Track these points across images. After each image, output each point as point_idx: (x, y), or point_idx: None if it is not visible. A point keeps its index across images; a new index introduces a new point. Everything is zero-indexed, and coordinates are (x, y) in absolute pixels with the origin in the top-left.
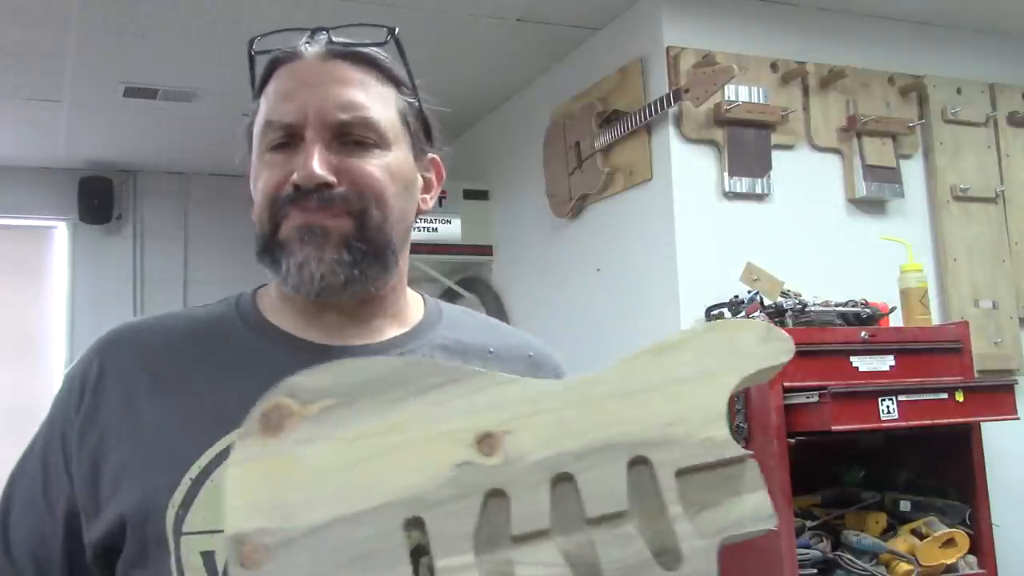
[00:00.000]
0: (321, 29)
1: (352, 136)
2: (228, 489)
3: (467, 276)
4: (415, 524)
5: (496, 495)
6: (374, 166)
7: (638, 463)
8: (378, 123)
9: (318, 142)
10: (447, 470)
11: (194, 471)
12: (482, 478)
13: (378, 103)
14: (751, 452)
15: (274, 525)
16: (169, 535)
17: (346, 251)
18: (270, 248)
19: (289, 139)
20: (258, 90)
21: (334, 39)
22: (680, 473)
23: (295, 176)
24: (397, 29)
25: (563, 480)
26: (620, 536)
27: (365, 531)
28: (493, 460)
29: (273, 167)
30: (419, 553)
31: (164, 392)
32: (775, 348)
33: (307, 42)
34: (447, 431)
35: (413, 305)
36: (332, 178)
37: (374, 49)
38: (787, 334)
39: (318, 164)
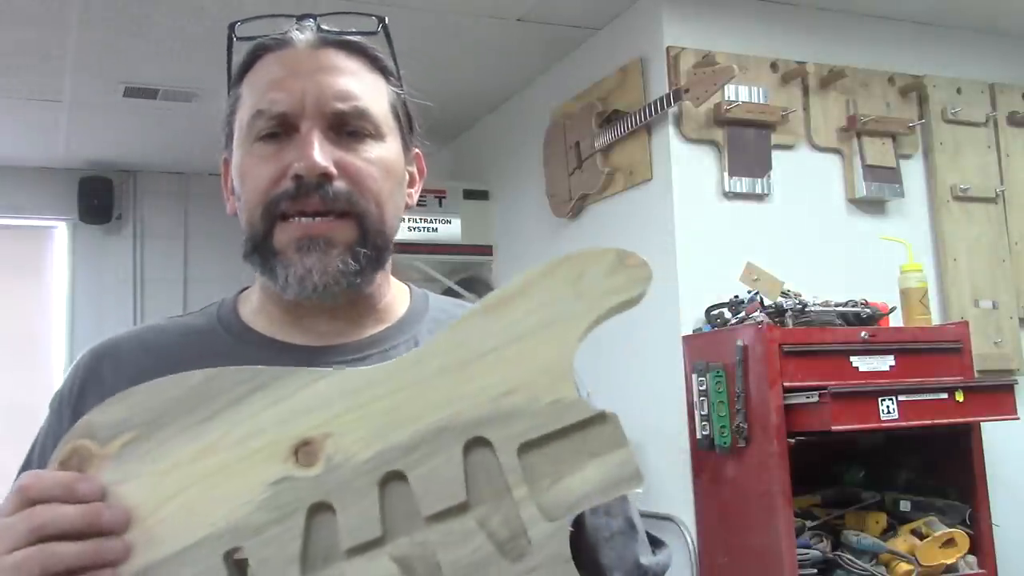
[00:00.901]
0: (309, 16)
1: (348, 127)
2: None
3: (467, 276)
4: (237, 555)
5: (321, 509)
6: (370, 161)
7: (476, 445)
8: (373, 114)
9: (316, 131)
10: (262, 491)
11: None
12: (303, 493)
13: (372, 93)
14: (605, 409)
15: None
16: None
17: (351, 258)
18: (262, 251)
19: (280, 129)
20: (237, 78)
21: (324, 28)
22: (526, 447)
23: (296, 166)
24: (387, 18)
25: (394, 479)
26: (460, 532)
27: (185, 572)
28: (313, 470)
29: (265, 160)
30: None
31: None
32: (628, 277)
33: (296, 29)
34: (260, 446)
35: (399, 298)
36: (333, 169)
37: (364, 39)
38: (642, 257)
39: (319, 154)
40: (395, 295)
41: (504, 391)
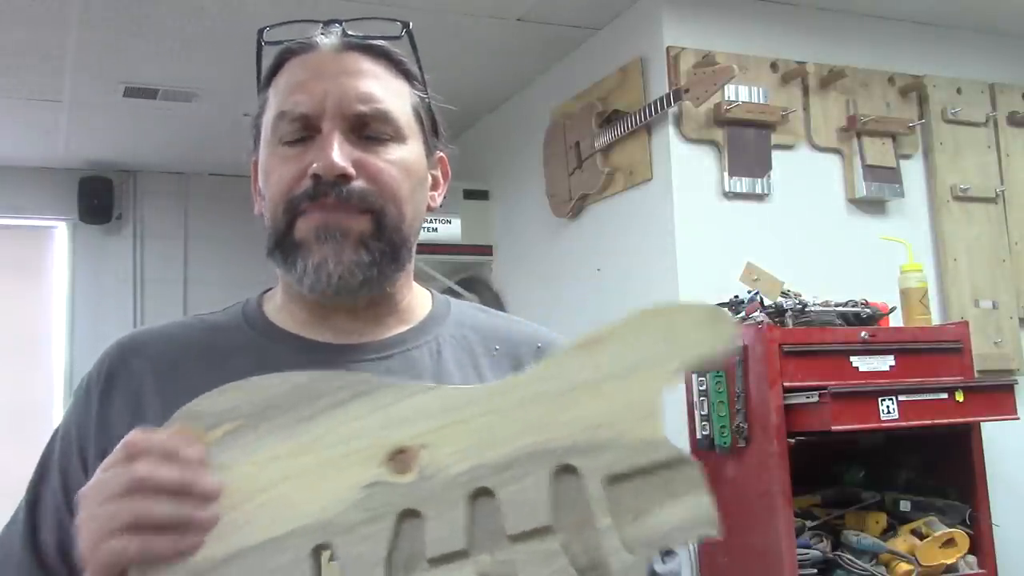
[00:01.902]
0: (335, 21)
1: (369, 129)
2: None
3: (467, 276)
4: (325, 551)
5: (410, 515)
6: (391, 162)
7: (564, 472)
8: (395, 116)
9: (336, 132)
10: (357, 492)
11: None
12: (395, 498)
13: (394, 96)
14: (688, 452)
15: (178, 564)
16: None
17: (365, 251)
18: (283, 246)
19: (304, 132)
20: (265, 81)
21: (348, 32)
22: (612, 479)
23: (315, 166)
24: (411, 23)
25: (483, 495)
26: (543, 553)
27: (273, 560)
28: (407, 478)
29: (287, 161)
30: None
31: (171, 399)
32: (716, 332)
33: (321, 33)
34: (358, 449)
35: (421, 301)
36: (352, 169)
37: (388, 43)
38: (729, 314)
39: (338, 154)
40: (417, 298)
41: (596, 423)
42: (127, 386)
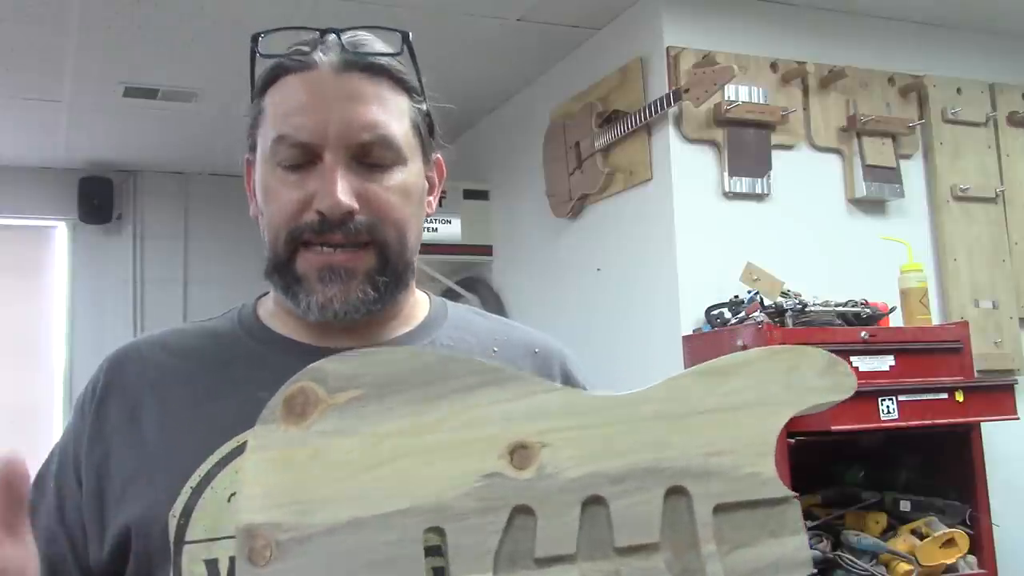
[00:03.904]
0: (331, 31)
1: (371, 156)
2: (244, 477)
3: (467, 276)
4: (436, 534)
5: (523, 511)
6: (392, 189)
7: (676, 493)
8: (397, 142)
9: (340, 165)
10: (475, 480)
11: (194, 480)
12: (511, 492)
13: (395, 119)
14: (795, 493)
15: (289, 520)
16: (171, 546)
17: (371, 287)
18: (283, 275)
19: (304, 158)
20: (259, 90)
21: (348, 47)
22: (719, 508)
23: (321, 205)
24: (411, 34)
25: (595, 503)
26: (647, 569)
27: (384, 536)
28: (525, 474)
29: (288, 185)
30: (434, 554)
31: (167, 406)
32: (836, 383)
33: (319, 48)
34: (480, 437)
35: (419, 304)
36: (356, 205)
37: (388, 58)
38: (848, 367)
39: (343, 191)
40: (416, 301)
41: (712, 451)
42: (123, 398)
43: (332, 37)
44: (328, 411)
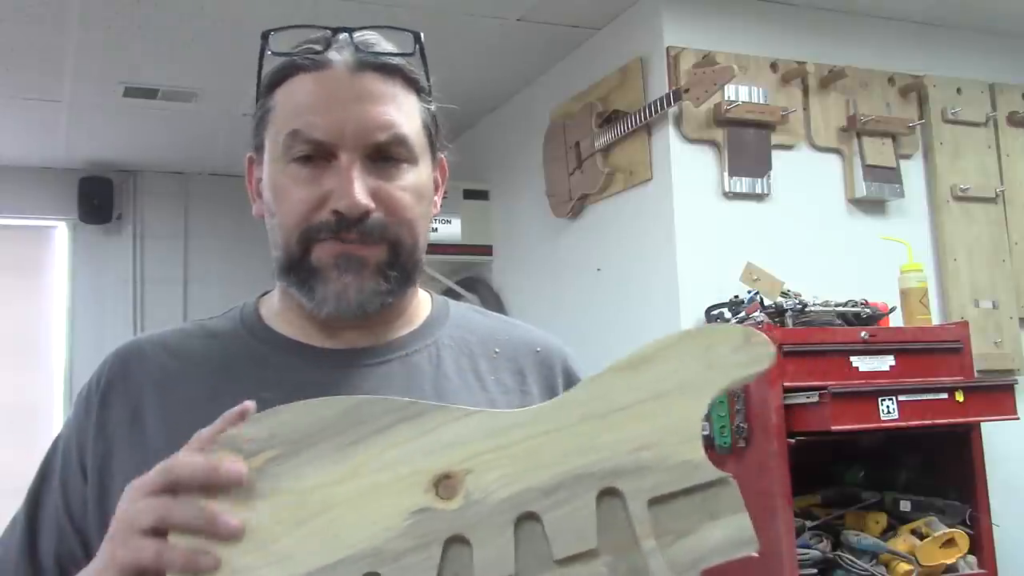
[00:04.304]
0: (343, 29)
1: (385, 153)
2: None
3: (467, 276)
4: None
5: (457, 541)
6: (405, 189)
7: (607, 495)
8: (411, 140)
9: (356, 164)
10: (405, 518)
11: None
12: (441, 524)
13: (408, 118)
14: (728, 474)
15: None
16: None
17: (383, 280)
18: (299, 271)
19: (316, 153)
20: (268, 87)
21: (361, 46)
22: (654, 501)
23: (339, 205)
24: (423, 35)
25: (528, 519)
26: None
27: None
28: (453, 504)
29: (301, 183)
30: None
31: (170, 408)
32: (753, 354)
33: (333, 47)
34: (402, 475)
35: (421, 303)
36: (372, 204)
37: (400, 58)
38: (766, 337)
39: (360, 191)
40: (419, 300)
41: (639, 445)
42: (125, 396)
43: (344, 36)
44: (249, 475)
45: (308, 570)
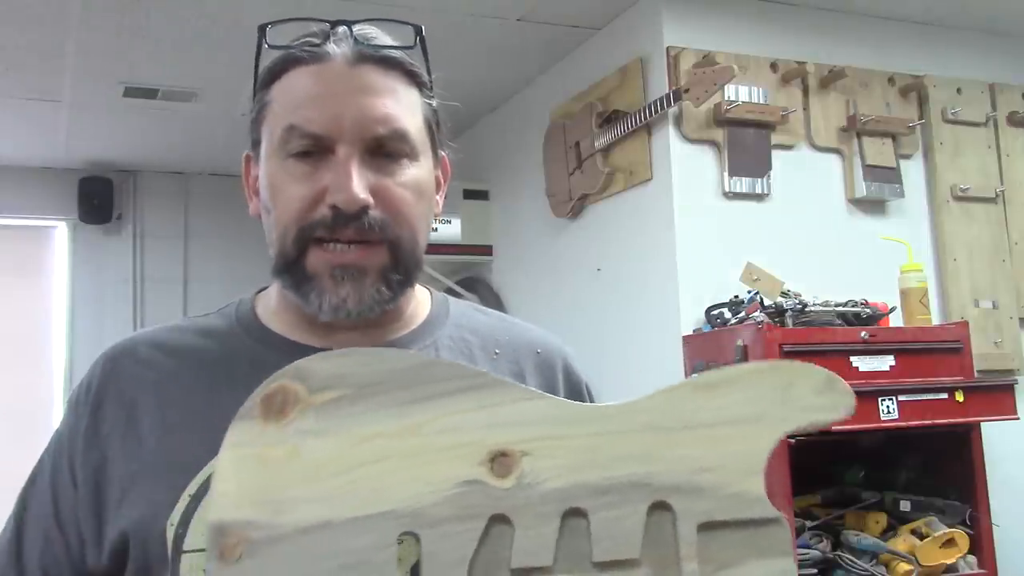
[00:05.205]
0: (342, 22)
1: (385, 148)
2: (218, 474)
3: (467, 276)
4: (411, 539)
5: (501, 521)
6: (405, 185)
7: (660, 508)
8: (411, 135)
9: (354, 158)
10: (453, 486)
11: (192, 487)
12: (489, 501)
13: (408, 113)
14: (783, 515)
15: (262, 519)
16: (169, 554)
17: (385, 286)
18: (293, 273)
19: (314, 148)
20: (265, 82)
21: (360, 39)
22: (704, 527)
23: (336, 199)
24: (424, 28)
25: (575, 515)
26: None
27: (358, 540)
28: (505, 482)
29: (298, 179)
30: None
31: (165, 409)
32: (833, 401)
33: (331, 40)
34: (460, 443)
35: (420, 302)
36: (371, 200)
37: (401, 52)
38: (848, 386)
39: (358, 185)
40: (418, 300)
41: (701, 467)
42: (119, 399)
43: (343, 29)
44: (307, 411)
45: (349, 515)
